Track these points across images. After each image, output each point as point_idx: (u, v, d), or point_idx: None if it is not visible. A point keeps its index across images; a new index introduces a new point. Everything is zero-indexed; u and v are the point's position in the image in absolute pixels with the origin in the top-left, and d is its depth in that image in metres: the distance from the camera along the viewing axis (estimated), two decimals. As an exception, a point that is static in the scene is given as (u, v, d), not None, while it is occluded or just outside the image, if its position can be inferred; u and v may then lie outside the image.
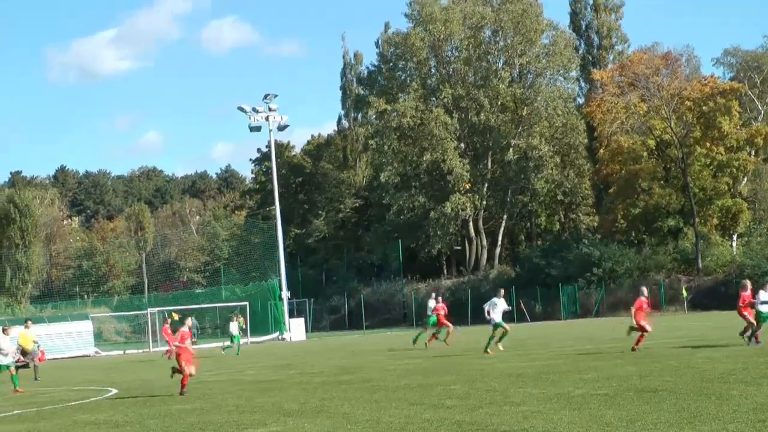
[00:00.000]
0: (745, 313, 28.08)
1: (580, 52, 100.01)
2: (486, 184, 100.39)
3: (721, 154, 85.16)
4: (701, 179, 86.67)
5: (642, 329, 28.39)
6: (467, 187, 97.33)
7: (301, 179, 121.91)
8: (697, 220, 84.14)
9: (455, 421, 14.87)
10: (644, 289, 29.90)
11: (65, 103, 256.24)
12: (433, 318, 41.61)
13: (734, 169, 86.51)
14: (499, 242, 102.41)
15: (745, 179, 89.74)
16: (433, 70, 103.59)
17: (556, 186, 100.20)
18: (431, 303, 42.19)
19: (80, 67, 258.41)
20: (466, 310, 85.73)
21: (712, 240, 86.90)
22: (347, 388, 22.66)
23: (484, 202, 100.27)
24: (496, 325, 33.30)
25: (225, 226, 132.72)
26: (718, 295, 77.61)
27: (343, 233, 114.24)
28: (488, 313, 33.33)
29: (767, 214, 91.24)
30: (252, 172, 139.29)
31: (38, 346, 39.20)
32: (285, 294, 76.28)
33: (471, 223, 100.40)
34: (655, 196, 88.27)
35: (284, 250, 79.56)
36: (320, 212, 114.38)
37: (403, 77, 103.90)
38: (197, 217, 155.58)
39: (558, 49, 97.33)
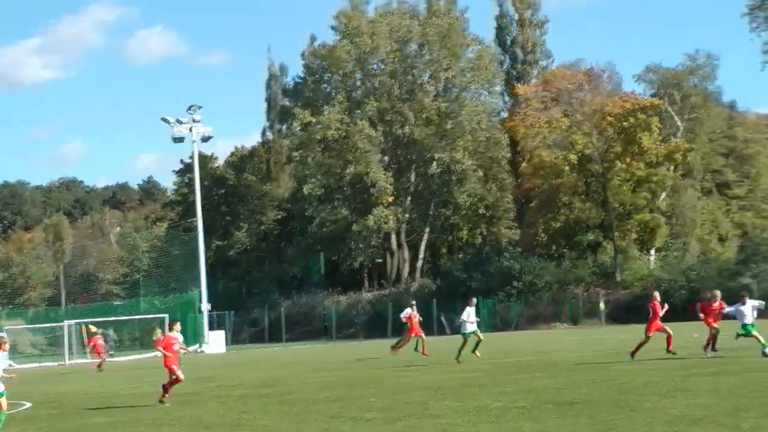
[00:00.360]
0: (714, 324, 28.97)
1: (505, 66, 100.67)
2: (409, 197, 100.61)
3: (641, 170, 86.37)
4: (621, 194, 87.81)
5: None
6: (390, 200, 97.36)
7: (224, 191, 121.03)
8: (616, 234, 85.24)
9: (374, 433, 14.85)
10: (656, 294, 30.70)
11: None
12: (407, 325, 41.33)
13: (653, 185, 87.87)
14: (421, 255, 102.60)
15: (664, 194, 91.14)
16: (358, 83, 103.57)
17: (479, 200, 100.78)
18: (406, 311, 41.77)
19: (2, 76, 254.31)
20: (386, 323, 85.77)
21: (630, 254, 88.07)
22: (267, 401, 22.52)
23: (407, 215, 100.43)
24: (466, 335, 33.08)
25: (145, 237, 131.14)
26: (636, 309, 78.60)
27: (264, 245, 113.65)
28: (462, 322, 33.03)
29: (684, 229, 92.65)
30: (174, 184, 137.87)
31: None
32: (205, 306, 75.63)
33: (393, 236, 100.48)
34: (575, 210, 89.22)
35: (205, 262, 78.86)
36: (242, 224, 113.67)
37: (328, 89, 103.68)
38: (117, 228, 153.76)
39: (483, 64, 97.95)
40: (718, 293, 30.32)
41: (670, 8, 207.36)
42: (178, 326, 24.19)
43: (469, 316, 33.24)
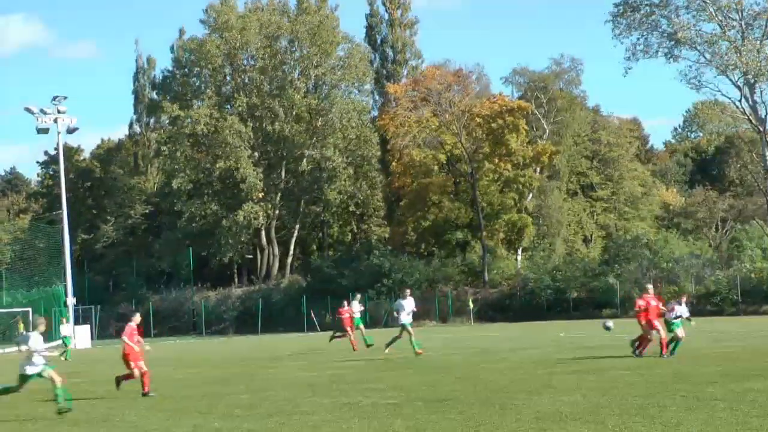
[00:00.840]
0: (655, 322, 26.43)
1: (375, 65, 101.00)
2: (279, 194, 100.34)
3: (509, 171, 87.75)
4: (489, 194, 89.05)
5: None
6: (260, 196, 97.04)
7: (90, 184, 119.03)
8: (484, 233, 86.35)
9: (245, 429, 14.87)
10: (649, 286, 27.98)
11: None
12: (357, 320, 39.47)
13: (520, 185, 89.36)
14: (291, 251, 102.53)
15: (531, 195, 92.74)
16: (228, 78, 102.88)
17: (349, 197, 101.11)
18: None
19: None
20: (256, 319, 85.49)
21: (498, 253, 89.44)
22: (135, 397, 22.27)
23: (277, 212, 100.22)
24: (403, 326, 32.56)
25: (8, 229, 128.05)
26: (503, 307, 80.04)
27: (132, 240, 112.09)
28: (397, 313, 32.50)
29: (550, 230, 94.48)
30: (38, 176, 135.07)
31: None
32: (70, 300, 74.25)
33: (263, 232, 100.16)
34: (444, 209, 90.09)
35: (71, 255, 77.45)
36: (109, 218, 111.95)
37: (197, 84, 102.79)
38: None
39: (353, 62, 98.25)
40: (651, 288, 27.76)
41: (537, 13, 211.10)
42: (137, 317, 23.82)
43: (403, 308, 32.23)
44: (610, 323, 27.52)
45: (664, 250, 78.89)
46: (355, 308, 39.48)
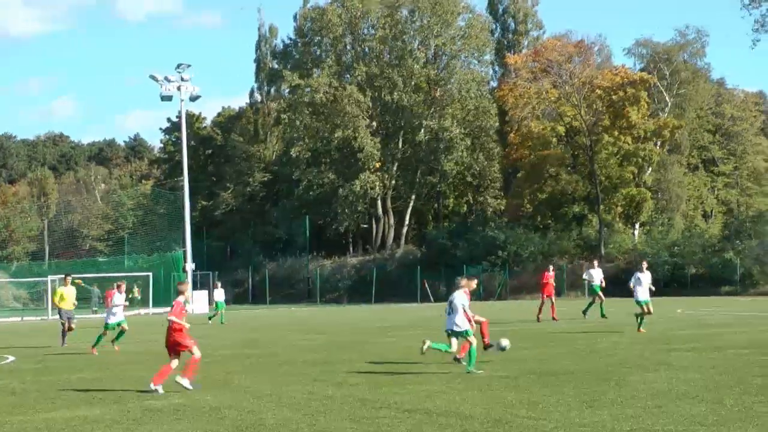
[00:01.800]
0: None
1: (496, 36, 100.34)
2: (396, 164, 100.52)
3: (628, 144, 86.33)
4: (608, 167, 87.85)
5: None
6: (377, 166, 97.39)
7: (211, 151, 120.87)
8: (601, 207, 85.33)
9: (359, 398, 14.90)
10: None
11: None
12: None
13: (640, 159, 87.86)
14: (407, 222, 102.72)
15: (650, 169, 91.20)
16: (348, 47, 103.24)
17: (466, 168, 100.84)
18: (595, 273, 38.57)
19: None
20: (370, 288, 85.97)
21: (615, 228, 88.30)
22: (251, 362, 22.58)
23: (393, 182, 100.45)
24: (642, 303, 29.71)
25: (131, 195, 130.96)
26: (620, 282, 78.91)
27: (250, 207, 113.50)
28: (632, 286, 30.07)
29: (670, 205, 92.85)
30: (161, 142, 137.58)
31: None
32: (189, 266, 75.66)
33: (379, 202, 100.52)
34: (562, 182, 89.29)
35: (190, 221, 78.86)
36: (228, 185, 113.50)
37: (318, 53, 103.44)
38: (102, 185, 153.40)
39: (473, 32, 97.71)
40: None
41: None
42: (187, 289, 18.40)
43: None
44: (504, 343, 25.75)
45: (788, 228, 77.07)
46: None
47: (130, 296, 61.80)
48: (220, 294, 49.53)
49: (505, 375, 17.58)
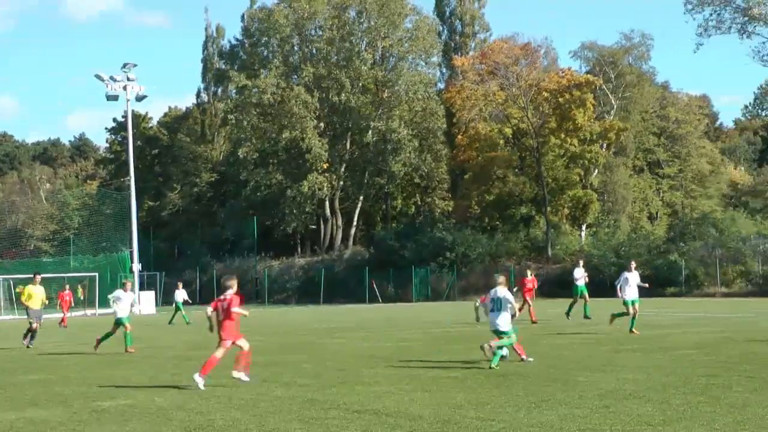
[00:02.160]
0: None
1: (443, 38, 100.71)
2: (344, 165, 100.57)
3: (575, 146, 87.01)
4: (554, 169, 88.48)
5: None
6: (325, 167, 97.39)
7: (157, 151, 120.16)
8: (548, 209, 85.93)
9: (307, 399, 14.91)
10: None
11: None
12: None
13: (586, 161, 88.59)
14: (355, 223, 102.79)
15: (596, 171, 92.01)
16: (296, 48, 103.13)
17: (413, 170, 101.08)
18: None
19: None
20: (318, 289, 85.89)
21: (562, 229, 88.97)
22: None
23: (341, 183, 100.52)
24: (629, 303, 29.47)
25: (76, 195, 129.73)
26: (566, 283, 79.41)
27: (197, 207, 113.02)
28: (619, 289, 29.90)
29: (616, 206, 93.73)
30: (107, 142, 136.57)
31: None
32: (136, 266, 75.14)
33: (327, 203, 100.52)
34: (509, 183, 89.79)
35: (137, 222, 78.31)
36: (175, 185, 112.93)
37: (265, 53, 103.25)
38: (47, 185, 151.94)
39: (421, 34, 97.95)
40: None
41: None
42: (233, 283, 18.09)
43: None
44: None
45: (731, 229, 77.91)
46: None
47: (75, 297, 61.29)
48: (181, 294, 49.47)
49: (454, 375, 17.65)
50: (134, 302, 32.20)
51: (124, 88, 76.66)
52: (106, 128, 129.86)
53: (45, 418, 13.79)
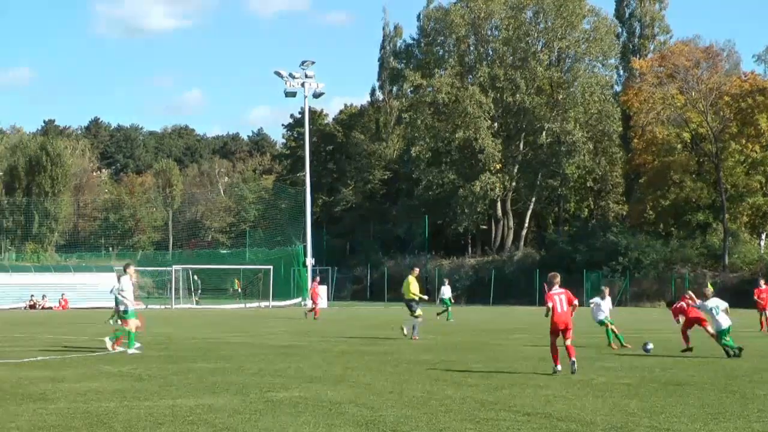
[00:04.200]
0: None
1: (621, 39, 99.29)
2: (517, 166, 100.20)
3: (756, 152, 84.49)
4: (734, 176, 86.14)
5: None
6: (498, 167, 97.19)
7: (332, 147, 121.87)
8: (726, 216, 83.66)
9: (478, 399, 14.89)
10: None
11: (107, 57, 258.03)
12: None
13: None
14: (526, 224, 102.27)
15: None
16: (471, 48, 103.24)
17: (587, 172, 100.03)
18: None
19: (126, 23, 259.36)
20: (488, 289, 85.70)
21: (741, 237, 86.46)
22: (369, 358, 22.71)
23: (514, 184, 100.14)
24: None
25: (253, 189, 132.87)
26: (743, 293, 77.16)
27: (370, 204, 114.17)
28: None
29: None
30: (283, 137, 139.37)
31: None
32: (309, 260, 76.41)
33: (499, 203, 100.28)
34: (686, 189, 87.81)
35: (311, 216, 79.65)
36: (349, 182, 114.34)
37: (441, 53, 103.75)
38: (225, 178, 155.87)
39: (599, 35, 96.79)
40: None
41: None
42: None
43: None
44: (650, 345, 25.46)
45: None
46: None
47: (230, 289, 62.49)
48: (447, 291, 49.86)
49: (627, 382, 17.39)
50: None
51: (302, 85, 78.16)
52: (283, 124, 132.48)
53: (221, 405, 14.16)
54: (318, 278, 56.41)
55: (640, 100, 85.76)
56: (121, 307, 25.01)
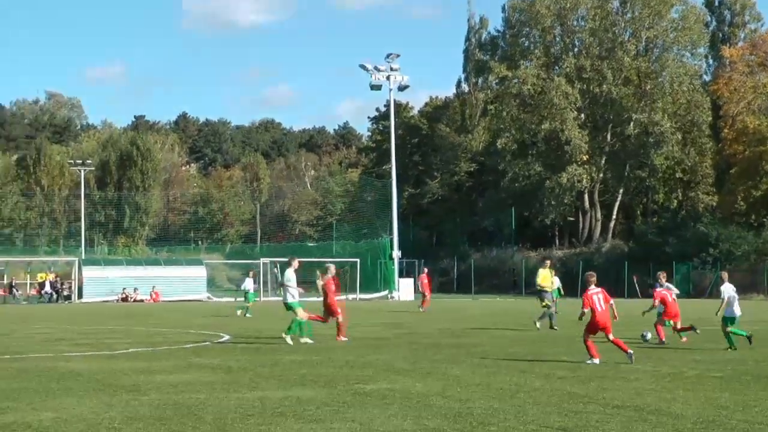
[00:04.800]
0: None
1: (711, 28, 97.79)
2: (604, 157, 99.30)
3: None
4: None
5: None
6: (584, 159, 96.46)
7: (417, 140, 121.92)
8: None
9: (567, 392, 14.82)
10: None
11: (196, 52, 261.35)
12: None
13: None
14: (614, 216, 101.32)
15: None
16: (557, 39, 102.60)
17: (676, 163, 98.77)
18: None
19: (215, 18, 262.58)
20: (576, 282, 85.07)
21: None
22: (457, 351, 22.71)
23: (601, 175, 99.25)
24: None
25: (339, 182, 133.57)
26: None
27: (457, 197, 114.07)
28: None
29: None
30: (369, 131, 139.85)
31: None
32: (396, 253, 76.62)
33: (586, 195, 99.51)
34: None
35: (398, 209, 79.83)
36: (435, 174, 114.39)
37: (526, 44, 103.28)
38: (312, 171, 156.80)
39: (688, 24, 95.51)
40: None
41: None
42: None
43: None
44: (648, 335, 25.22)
45: None
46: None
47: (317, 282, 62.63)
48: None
49: (718, 375, 17.18)
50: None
51: (388, 78, 78.34)
52: (368, 117, 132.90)
53: (310, 397, 14.29)
54: (426, 270, 56.35)
55: (730, 89, 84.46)
56: (289, 299, 25.60)
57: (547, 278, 32.76)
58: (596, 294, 19.43)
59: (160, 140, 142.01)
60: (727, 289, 23.76)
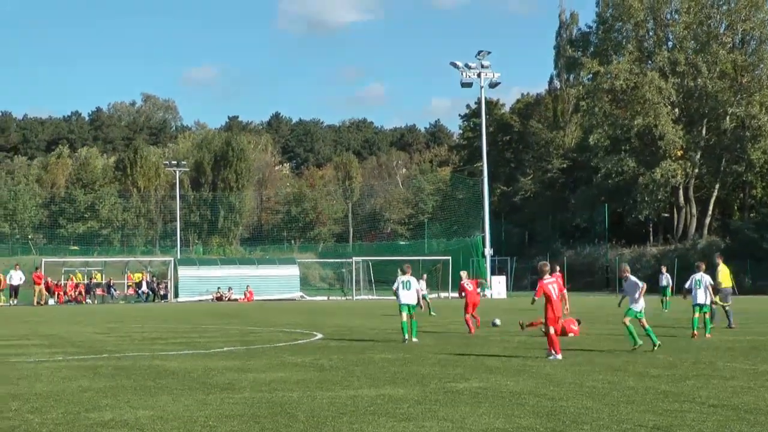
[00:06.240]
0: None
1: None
2: (699, 152, 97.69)
3: None
4: None
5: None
6: (679, 154, 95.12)
7: (509, 137, 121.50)
8: None
9: (661, 390, 14.66)
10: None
11: (289, 52, 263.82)
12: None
13: None
14: (710, 212, 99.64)
15: None
16: (650, 33, 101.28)
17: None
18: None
19: (309, 18, 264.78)
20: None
21: None
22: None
23: (696, 170, 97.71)
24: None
25: (430, 180, 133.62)
26: None
27: (549, 193, 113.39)
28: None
29: None
30: (460, 128, 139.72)
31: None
32: (488, 251, 76.45)
33: (681, 191, 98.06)
34: None
35: (489, 206, 79.62)
36: (528, 171, 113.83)
37: (618, 39, 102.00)
38: (403, 169, 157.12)
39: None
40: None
41: None
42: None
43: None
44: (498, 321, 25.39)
45: None
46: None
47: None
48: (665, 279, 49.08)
49: (818, 374, 16.84)
50: None
51: (478, 75, 78.31)
52: (459, 115, 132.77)
53: (402, 396, 14.33)
54: (558, 268, 55.82)
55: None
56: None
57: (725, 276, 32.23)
58: (551, 283, 19.85)
59: (253, 140, 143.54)
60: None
